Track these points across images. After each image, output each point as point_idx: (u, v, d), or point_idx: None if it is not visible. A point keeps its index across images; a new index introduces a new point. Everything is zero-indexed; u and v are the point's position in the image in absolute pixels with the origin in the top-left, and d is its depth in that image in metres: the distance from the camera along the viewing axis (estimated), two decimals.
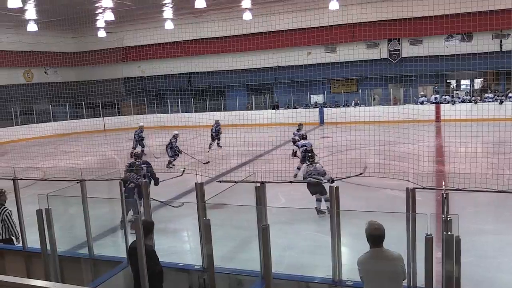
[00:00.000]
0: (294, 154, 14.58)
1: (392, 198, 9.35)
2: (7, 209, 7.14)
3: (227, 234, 7.55)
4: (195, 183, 5.77)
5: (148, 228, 4.89)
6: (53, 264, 5.78)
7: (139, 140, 17.07)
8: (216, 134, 17.74)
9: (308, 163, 9.19)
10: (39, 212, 5.72)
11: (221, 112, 26.89)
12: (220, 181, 6.20)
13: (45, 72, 30.61)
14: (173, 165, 15.16)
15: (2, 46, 25.86)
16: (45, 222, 5.62)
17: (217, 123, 18.10)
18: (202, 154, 16.27)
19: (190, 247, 8.20)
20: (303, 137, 13.39)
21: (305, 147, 12.61)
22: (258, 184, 5.54)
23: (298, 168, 12.02)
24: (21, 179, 6.85)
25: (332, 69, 23.68)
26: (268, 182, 5.79)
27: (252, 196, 5.82)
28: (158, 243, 5.90)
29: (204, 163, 14.39)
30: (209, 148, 17.21)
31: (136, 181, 8.58)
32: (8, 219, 7.11)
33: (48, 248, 5.86)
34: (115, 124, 26.56)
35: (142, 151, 16.17)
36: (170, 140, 15.39)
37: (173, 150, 15.10)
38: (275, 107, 27.75)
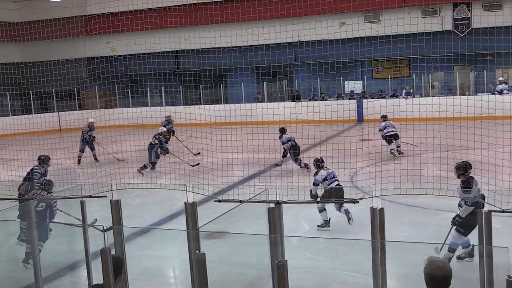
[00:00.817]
0: (284, 155, 16.01)
1: None
2: None
3: (228, 274, 7.56)
4: (185, 203, 5.81)
5: (116, 267, 4.93)
6: None
7: (88, 141, 18.64)
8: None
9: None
10: None
11: (220, 104, 26.99)
12: (220, 201, 6.23)
13: None
14: (153, 168, 15.72)
15: None
16: None
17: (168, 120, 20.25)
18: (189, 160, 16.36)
19: None
20: (283, 130, 15.74)
21: (290, 141, 15.40)
22: (273, 205, 5.56)
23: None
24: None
25: (374, 46, 23.62)
26: (286, 202, 5.81)
27: (263, 221, 5.83)
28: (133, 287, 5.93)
29: (193, 166, 14.86)
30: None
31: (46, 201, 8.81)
32: None
33: None
34: (75, 122, 26.71)
35: (94, 155, 18.69)
36: (158, 138, 16.32)
37: (161, 151, 16.16)
38: (295, 98, 27.79)
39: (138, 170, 15.70)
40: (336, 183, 10.44)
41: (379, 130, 17.61)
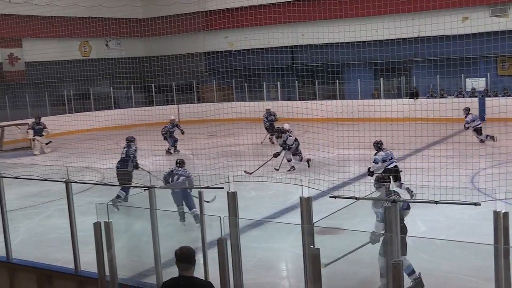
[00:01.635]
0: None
1: None
2: None
3: (340, 271, 7.53)
4: (300, 197, 5.84)
5: (192, 258, 5.08)
6: None
7: (170, 137, 20.21)
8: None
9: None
10: (96, 225, 6.15)
11: (336, 100, 26.84)
12: (335, 197, 6.21)
13: (106, 45, 32.71)
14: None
15: (55, 11, 28.01)
16: (103, 239, 6.02)
17: (269, 113, 20.88)
18: (313, 156, 16.38)
19: (290, 286, 8.30)
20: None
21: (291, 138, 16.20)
22: (389, 204, 5.47)
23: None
24: (75, 182, 7.38)
25: (501, 41, 22.54)
26: (404, 201, 5.71)
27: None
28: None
29: (249, 174, 14.64)
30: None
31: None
32: None
33: (107, 273, 6.28)
34: (193, 114, 27.61)
35: (171, 148, 20.15)
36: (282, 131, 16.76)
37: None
38: (413, 95, 27.14)
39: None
40: (394, 164, 12.32)
41: (467, 123, 18.77)
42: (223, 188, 6.99)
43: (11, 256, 8.24)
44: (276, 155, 16.08)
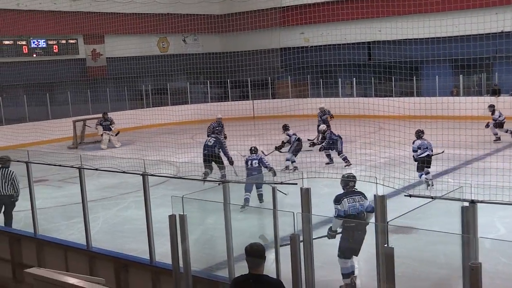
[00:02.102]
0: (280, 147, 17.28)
1: None
2: (13, 171, 11.11)
3: (415, 271, 7.39)
4: (374, 195, 5.77)
5: (262, 254, 5.05)
6: (185, 286, 6.28)
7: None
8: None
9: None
10: (171, 218, 6.28)
11: (413, 97, 26.27)
12: (410, 195, 6.08)
13: (183, 41, 33.32)
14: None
15: (134, 7, 28.81)
16: (178, 231, 6.14)
17: (323, 112, 21.26)
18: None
19: (361, 285, 8.20)
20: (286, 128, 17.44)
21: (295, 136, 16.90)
22: (467, 204, 5.33)
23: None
24: (151, 175, 7.56)
25: None
26: (482, 202, 5.54)
27: (454, 219, 5.59)
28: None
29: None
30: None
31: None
32: (15, 180, 11.15)
33: (181, 265, 6.40)
34: (267, 110, 27.74)
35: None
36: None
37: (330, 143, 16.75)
38: (495, 92, 26.24)
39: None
40: (426, 153, 13.48)
41: (494, 120, 19.60)
42: (296, 184, 6.98)
43: (90, 245, 8.54)
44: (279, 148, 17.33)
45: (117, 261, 8.02)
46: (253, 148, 13.64)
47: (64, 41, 28.98)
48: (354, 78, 29.21)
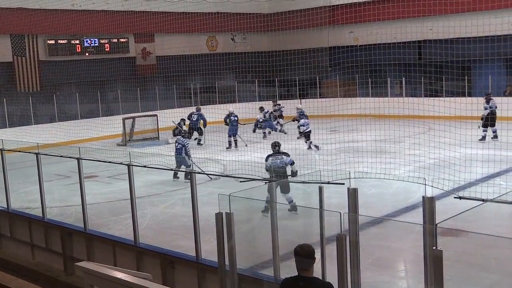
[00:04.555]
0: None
1: None
2: None
3: (464, 274, 7.23)
4: (423, 196, 5.67)
5: (312, 256, 4.98)
6: (231, 283, 6.31)
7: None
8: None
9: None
10: (218, 216, 6.31)
11: (464, 97, 25.72)
12: (460, 197, 5.96)
13: (232, 39, 33.46)
14: None
15: (183, 6, 29.07)
16: (224, 229, 6.17)
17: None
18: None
19: (408, 287, 8.09)
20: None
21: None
22: None
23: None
24: (198, 172, 7.63)
25: None
26: None
27: (506, 223, 5.46)
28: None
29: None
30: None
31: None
32: None
33: (226, 263, 6.43)
34: (315, 109, 27.56)
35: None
36: None
37: None
38: None
39: None
40: None
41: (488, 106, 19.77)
42: (343, 184, 6.93)
43: (138, 241, 8.67)
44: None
45: (163, 257, 8.12)
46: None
47: (115, 40, 29.50)
48: (404, 78, 28.79)
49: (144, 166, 9.31)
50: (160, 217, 12.03)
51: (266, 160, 11.70)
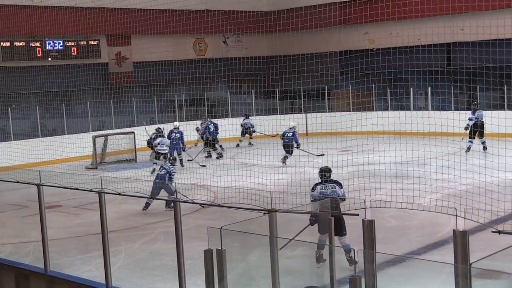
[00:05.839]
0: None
1: None
2: None
3: None
4: (454, 230, 5.67)
5: None
6: None
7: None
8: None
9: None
10: (207, 253, 6.29)
11: (503, 111, 25.85)
12: (499, 232, 5.97)
13: (224, 42, 33.60)
14: None
15: (166, 3, 29.05)
16: (215, 269, 6.14)
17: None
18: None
19: None
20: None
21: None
22: None
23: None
24: (184, 201, 7.62)
25: None
26: None
27: None
28: None
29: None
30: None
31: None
32: None
33: None
34: (323, 125, 27.60)
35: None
36: None
37: None
38: None
39: None
40: None
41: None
42: (358, 215, 6.92)
43: (110, 284, 8.61)
44: None
45: None
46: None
47: (84, 43, 29.51)
48: (429, 88, 28.91)
49: (119, 194, 9.29)
50: (138, 255, 11.99)
51: (313, 189, 11.14)
